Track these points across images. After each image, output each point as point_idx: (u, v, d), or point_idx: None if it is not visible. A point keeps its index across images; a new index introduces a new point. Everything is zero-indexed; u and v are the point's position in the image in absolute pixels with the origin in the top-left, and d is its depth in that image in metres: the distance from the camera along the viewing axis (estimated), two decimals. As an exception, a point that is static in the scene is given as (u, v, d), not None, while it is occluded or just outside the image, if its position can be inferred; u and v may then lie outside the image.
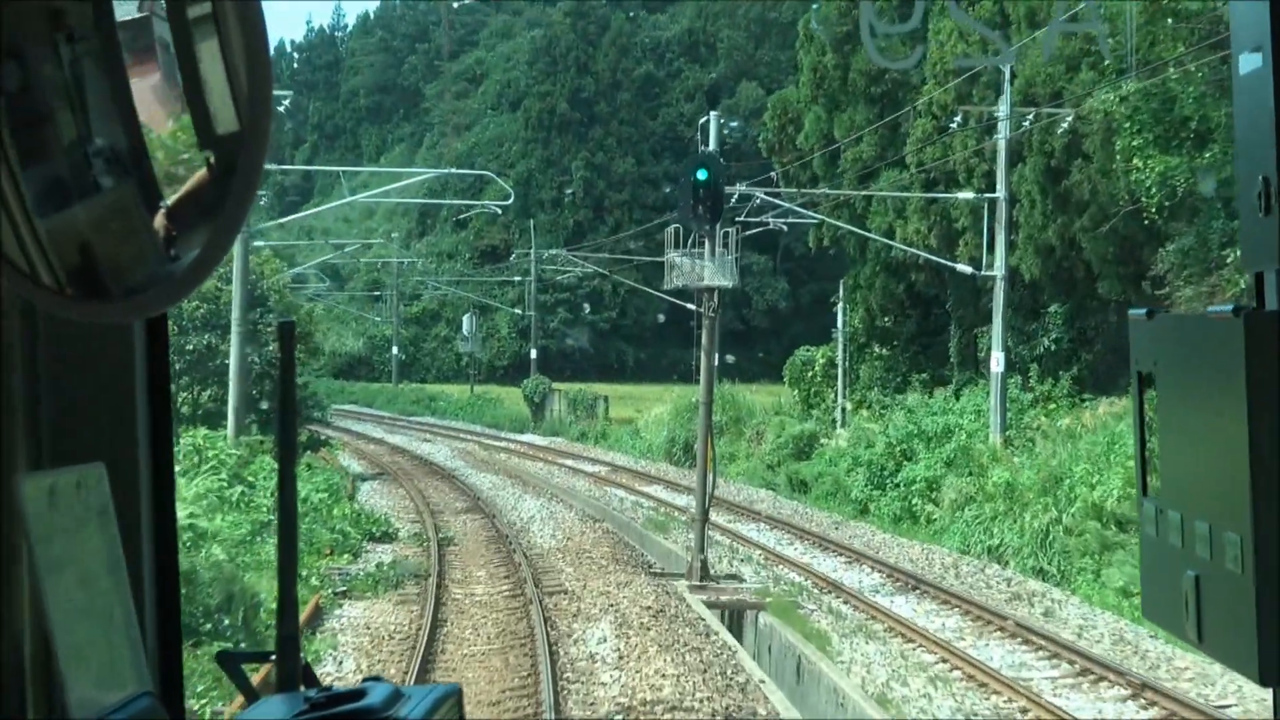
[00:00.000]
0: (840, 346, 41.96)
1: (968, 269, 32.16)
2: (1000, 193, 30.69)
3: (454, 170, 39.54)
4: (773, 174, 48.93)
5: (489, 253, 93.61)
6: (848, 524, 29.37)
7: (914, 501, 30.31)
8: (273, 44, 1.25)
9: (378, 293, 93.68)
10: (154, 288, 1.24)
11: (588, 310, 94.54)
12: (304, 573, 19.49)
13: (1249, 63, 1.57)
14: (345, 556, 22.39)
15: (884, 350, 45.91)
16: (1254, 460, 1.44)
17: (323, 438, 48.37)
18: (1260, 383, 1.44)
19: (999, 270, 30.46)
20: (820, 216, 39.65)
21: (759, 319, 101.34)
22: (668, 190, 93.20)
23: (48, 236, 1.17)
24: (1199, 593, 1.58)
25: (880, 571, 23.53)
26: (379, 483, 36.32)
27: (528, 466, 41.30)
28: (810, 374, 48.07)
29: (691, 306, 59.95)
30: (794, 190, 41.56)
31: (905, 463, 32.18)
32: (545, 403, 60.17)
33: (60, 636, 1.24)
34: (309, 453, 37.70)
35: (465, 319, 72.28)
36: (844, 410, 41.33)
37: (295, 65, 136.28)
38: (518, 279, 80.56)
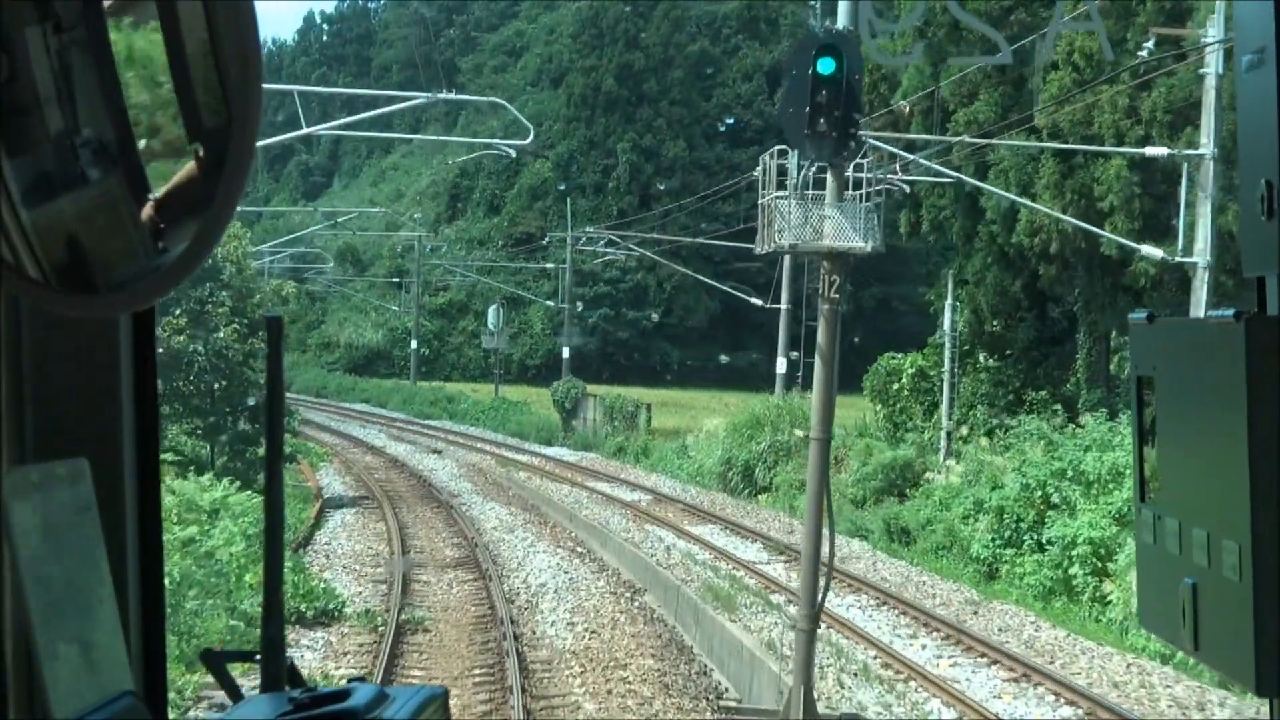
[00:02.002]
0: (947, 355, 33.37)
1: (1156, 252, 23.54)
2: (1207, 148, 22.11)
3: (454, 95, 31.98)
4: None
5: (524, 240, 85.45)
6: (987, 604, 20.85)
7: (1072, 571, 21.95)
8: (299, 19, 0.82)
9: (397, 279, 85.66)
10: (141, 281, 1.22)
11: (629, 307, 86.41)
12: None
13: (1252, 65, 1.56)
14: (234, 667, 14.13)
15: (992, 361, 37.45)
16: (1253, 467, 1.43)
17: (309, 447, 40.26)
18: (1260, 388, 1.43)
19: (1202, 256, 21.88)
20: (958, 175, 31.03)
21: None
22: (721, 177, 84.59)
23: (34, 228, 1.15)
24: (1196, 601, 1.57)
25: (1072, 704, 15.16)
26: (356, 512, 28.21)
27: (551, 492, 33.06)
28: (896, 387, 39.52)
29: (757, 301, 51.42)
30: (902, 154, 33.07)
31: (1050, 513, 23.82)
32: (578, 409, 51.88)
33: (40, 634, 1.22)
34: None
35: (491, 310, 64.05)
36: (949, 435, 32.79)
37: (325, 38, 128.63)
38: (551, 266, 72.25)
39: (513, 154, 34.88)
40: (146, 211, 1.22)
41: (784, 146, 14.83)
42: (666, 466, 40.95)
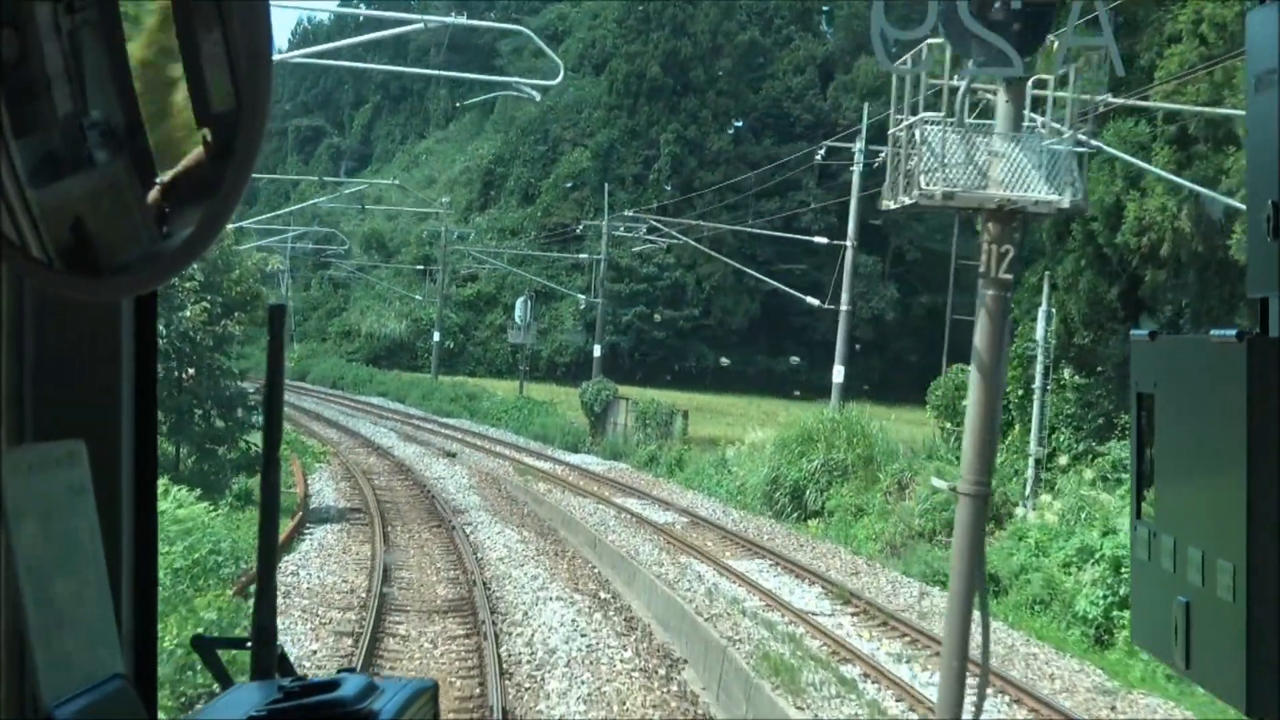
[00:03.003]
0: (1039, 370, 28.80)
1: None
2: None
3: (463, 20, 27.82)
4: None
5: (559, 231, 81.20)
6: (1124, 694, 16.29)
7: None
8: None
9: (422, 267, 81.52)
10: (145, 265, 1.23)
11: (666, 306, 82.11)
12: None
13: (1262, 83, 1.56)
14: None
15: (1079, 378, 32.88)
16: (1251, 488, 1.42)
17: (308, 445, 36.06)
18: (1261, 408, 1.43)
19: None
20: (1098, 146, 26.46)
21: (861, 329, 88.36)
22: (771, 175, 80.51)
23: (39, 209, 1.16)
24: (1189, 620, 1.56)
25: None
26: (341, 529, 23.96)
27: (573, 509, 28.75)
28: (964, 403, 34.85)
29: (813, 300, 46.72)
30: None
31: (1179, 567, 19.25)
32: (608, 413, 47.53)
33: (32, 615, 1.22)
34: (242, 476, 25.26)
35: (519, 303, 59.68)
36: (1038, 464, 28.24)
37: (361, 20, 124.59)
38: (585, 255, 67.92)
39: (536, 96, 30.44)
40: (152, 195, 1.20)
41: (931, 42, 10.22)
42: (704, 482, 36.56)
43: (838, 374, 35.14)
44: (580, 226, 67.23)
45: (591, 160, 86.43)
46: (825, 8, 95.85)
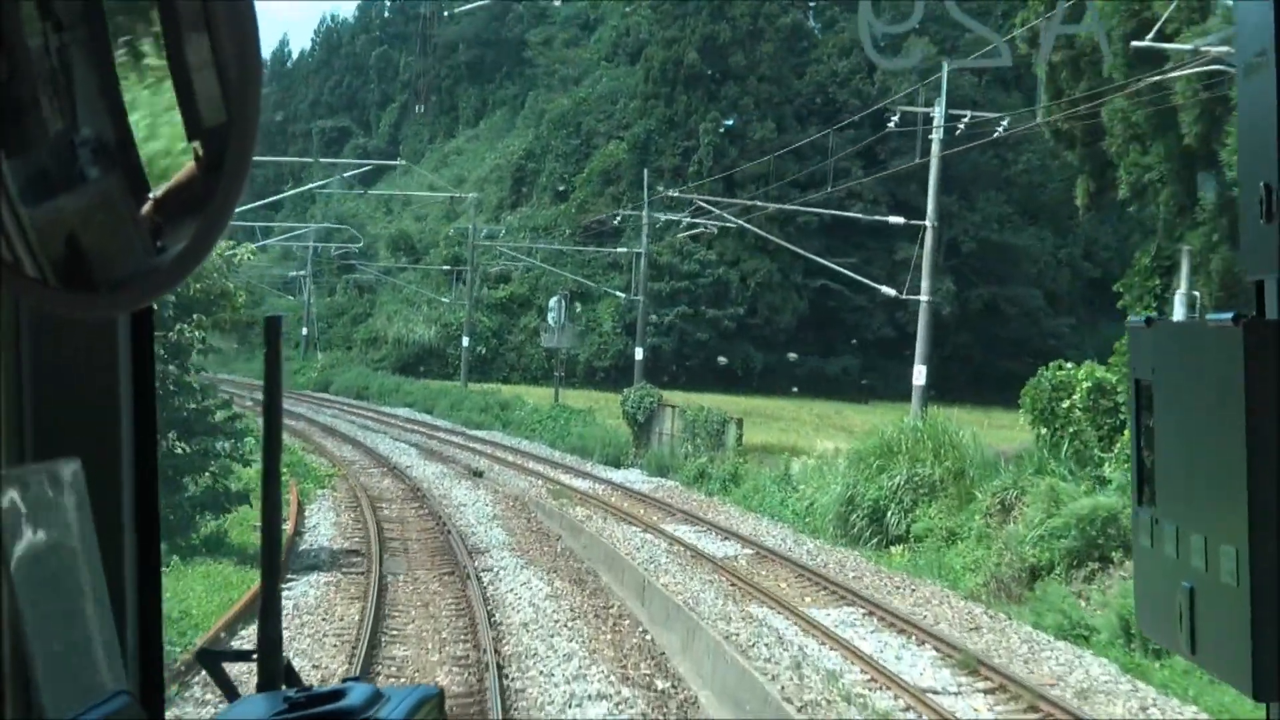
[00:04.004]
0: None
1: None
2: None
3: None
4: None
5: (594, 229, 76.61)
6: None
7: None
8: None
9: (449, 268, 77.05)
10: (140, 280, 1.23)
11: (708, 305, 77.51)
12: None
13: (1253, 67, 1.57)
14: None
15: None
16: (1251, 472, 1.43)
17: (313, 467, 31.58)
18: (1259, 392, 1.44)
19: None
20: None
21: (914, 324, 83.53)
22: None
23: (33, 227, 1.16)
24: (1193, 605, 1.57)
25: None
26: (327, 583, 19.34)
27: (617, 541, 24.19)
28: (1066, 405, 29.92)
29: (889, 290, 41.72)
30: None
31: None
32: (653, 422, 42.83)
33: (34, 634, 1.21)
34: (204, 519, 20.68)
35: (552, 302, 55.05)
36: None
37: (386, 15, 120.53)
38: (624, 250, 63.30)
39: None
40: (146, 210, 1.20)
41: None
42: (765, 502, 31.82)
43: (919, 375, 30.36)
44: (618, 218, 62.48)
45: (627, 153, 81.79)
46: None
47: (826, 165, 53.44)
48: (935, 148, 29.45)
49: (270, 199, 70.29)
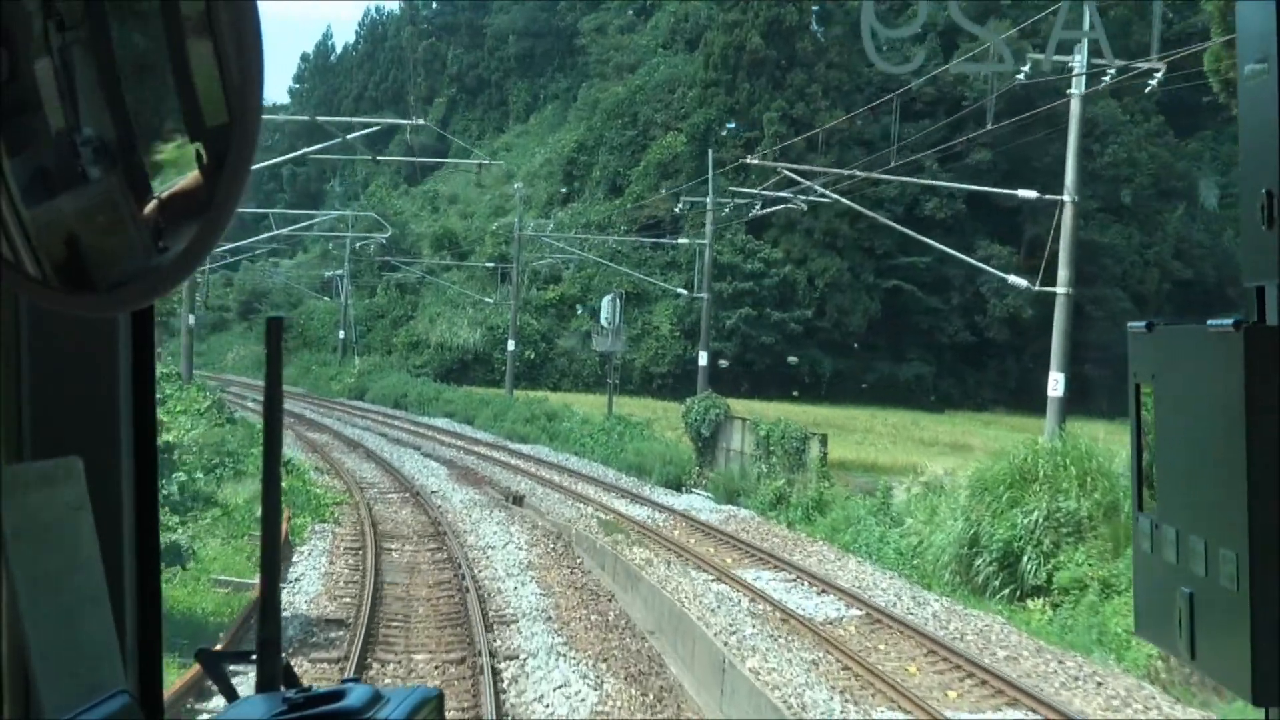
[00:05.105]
0: None
1: None
2: None
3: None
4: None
5: (651, 226, 71.21)
6: None
7: None
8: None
9: (493, 265, 71.79)
10: (140, 280, 1.23)
11: (773, 307, 72.00)
12: None
13: (1254, 71, 1.57)
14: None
15: None
16: (1251, 476, 1.43)
17: (314, 497, 26.33)
18: (1259, 397, 1.44)
19: None
20: None
21: (995, 329, 77.92)
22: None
23: (34, 227, 1.17)
24: (1193, 610, 1.58)
25: None
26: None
27: (686, 597, 18.81)
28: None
29: (1019, 281, 35.54)
30: None
31: None
32: (719, 436, 37.26)
33: (33, 633, 1.22)
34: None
35: (605, 302, 49.48)
36: None
37: (434, 5, 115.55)
38: (685, 241, 57.81)
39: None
40: (147, 210, 1.20)
41: None
42: (863, 540, 26.15)
43: (1055, 384, 24.60)
44: (680, 204, 56.99)
45: (687, 144, 76.33)
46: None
47: (955, 142, 48.60)
48: (1075, 105, 23.74)
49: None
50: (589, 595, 18.96)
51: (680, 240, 58.14)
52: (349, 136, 35.87)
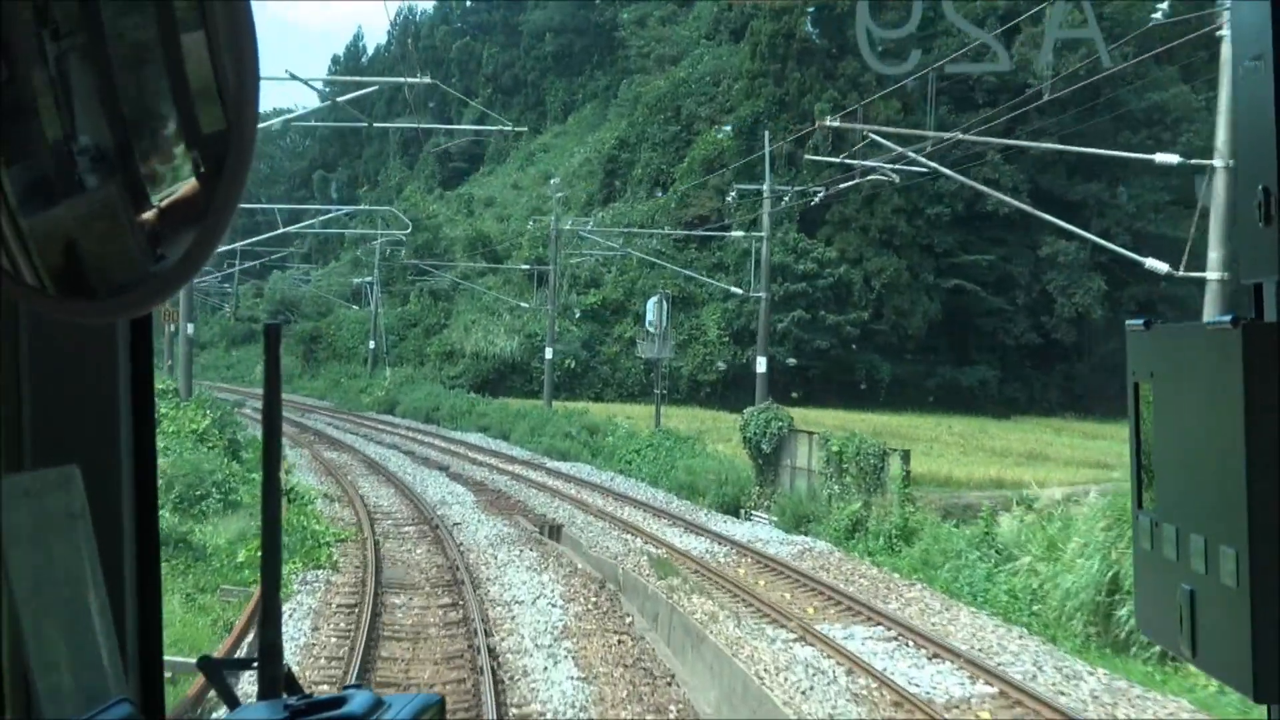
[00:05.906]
0: None
1: None
2: None
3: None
4: None
5: (696, 226, 67.05)
6: None
7: None
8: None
9: (528, 267, 67.68)
10: (138, 287, 1.23)
11: (828, 309, 67.67)
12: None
13: (1249, 70, 1.58)
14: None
15: None
16: (1251, 473, 1.44)
17: (314, 534, 22.31)
18: (1258, 394, 1.45)
19: None
20: None
21: (1061, 329, 73.19)
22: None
23: (32, 235, 1.17)
24: (1194, 607, 1.58)
25: None
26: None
27: (763, 669, 14.55)
28: None
29: (1160, 266, 31.06)
30: None
31: None
32: (782, 452, 32.95)
33: (34, 642, 1.22)
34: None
35: (650, 304, 45.30)
36: None
37: (468, 3, 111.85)
38: (739, 234, 53.52)
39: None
40: (144, 217, 1.19)
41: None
42: (965, 580, 21.81)
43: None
44: (731, 196, 52.81)
45: (733, 139, 72.10)
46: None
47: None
48: (1225, 49, 19.47)
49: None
50: (641, 677, 14.66)
51: (733, 233, 53.79)
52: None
